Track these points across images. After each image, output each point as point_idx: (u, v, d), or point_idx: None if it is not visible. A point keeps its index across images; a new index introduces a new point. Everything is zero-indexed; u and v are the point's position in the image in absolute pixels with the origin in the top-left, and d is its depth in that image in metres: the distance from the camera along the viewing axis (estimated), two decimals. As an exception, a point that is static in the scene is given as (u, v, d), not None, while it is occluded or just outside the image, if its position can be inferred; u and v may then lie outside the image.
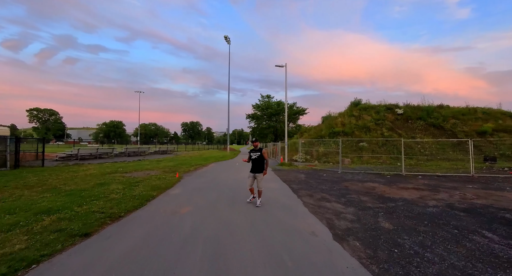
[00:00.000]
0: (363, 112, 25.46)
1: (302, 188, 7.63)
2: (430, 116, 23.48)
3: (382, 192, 7.05)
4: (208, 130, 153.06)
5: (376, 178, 10.14)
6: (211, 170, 13.15)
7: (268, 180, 9.33)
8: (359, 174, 11.30)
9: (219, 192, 7.02)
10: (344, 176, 10.70)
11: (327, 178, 9.91)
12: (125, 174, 10.95)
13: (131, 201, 5.58)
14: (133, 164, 15.61)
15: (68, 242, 3.26)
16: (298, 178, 10.06)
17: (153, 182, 8.55)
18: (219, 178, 10.00)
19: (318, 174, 11.24)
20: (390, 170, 12.77)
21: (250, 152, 5.61)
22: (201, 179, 9.71)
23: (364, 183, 8.74)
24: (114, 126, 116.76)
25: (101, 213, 4.52)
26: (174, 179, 9.24)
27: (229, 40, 39.85)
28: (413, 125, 23.16)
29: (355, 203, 5.74)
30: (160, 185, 7.82)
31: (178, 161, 18.61)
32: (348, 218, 4.52)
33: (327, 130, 24.13)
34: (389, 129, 22.47)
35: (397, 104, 26.27)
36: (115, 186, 7.49)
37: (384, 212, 4.92)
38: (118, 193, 6.40)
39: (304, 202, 5.82)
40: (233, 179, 9.75)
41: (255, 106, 40.02)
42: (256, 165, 5.51)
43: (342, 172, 11.85)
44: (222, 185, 8.19)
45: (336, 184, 8.40)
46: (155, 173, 11.22)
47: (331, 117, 27.00)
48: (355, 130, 22.63)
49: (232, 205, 5.45)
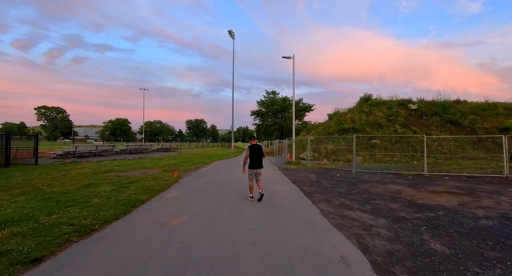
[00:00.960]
0: (373, 108, 24.18)
1: (316, 191, 6.61)
2: (446, 112, 22.09)
3: (411, 196, 5.98)
4: (213, 128, 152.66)
5: (396, 178, 9.04)
6: (213, 169, 12.23)
7: (275, 181, 8.34)
8: (376, 174, 10.21)
9: (221, 195, 6.07)
10: (360, 176, 9.62)
11: (342, 179, 8.86)
12: (120, 173, 10.11)
13: (113, 207, 4.67)
14: (132, 162, 14.83)
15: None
16: (308, 178, 9.04)
17: (148, 182, 7.66)
18: (222, 178, 9.06)
19: (330, 174, 10.19)
20: (409, 169, 11.62)
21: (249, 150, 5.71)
22: (202, 179, 8.78)
23: (386, 184, 7.67)
24: (120, 124, 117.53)
25: (69, 226, 3.61)
26: (171, 179, 8.34)
27: (233, 35, 38.76)
28: (428, 121, 21.83)
29: (383, 211, 4.71)
30: (154, 187, 6.92)
31: (180, 159, 17.78)
32: (384, 235, 3.50)
33: (335, 127, 22.95)
34: (402, 126, 21.18)
35: (410, 100, 24.90)
36: (104, 188, 6.62)
37: (427, 226, 3.87)
38: (102, 197, 5.51)
39: (322, 210, 4.81)
40: (238, 179, 8.79)
41: (260, 102, 38.90)
42: (258, 162, 5.65)
43: (357, 172, 10.77)
44: (224, 187, 7.24)
45: (353, 186, 7.35)
46: (153, 172, 10.35)
47: (339, 114, 25.77)
48: (366, 127, 21.41)
49: (236, 214, 4.48)
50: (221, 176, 9.49)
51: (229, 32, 38.41)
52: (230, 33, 38.42)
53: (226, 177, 9.36)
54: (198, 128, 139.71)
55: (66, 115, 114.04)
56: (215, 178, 9.12)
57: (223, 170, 11.78)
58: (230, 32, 38.39)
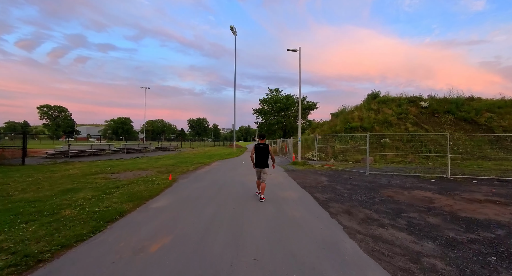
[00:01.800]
0: (382, 106, 23.05)
1: (332, 199, 5.60)
2: (460, 109, 20.91)
3: (449, 207, 4.95)
4: (215, 127, 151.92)
5: (418, 182, 7.99)
6: (213, 170, 11.27)
7: (282, 186, 7.34)
8: (393, 177, 9.16)
9: (219, 204, 5.09)
10: (377, 179, 8.59)
11: (357, 183, 7.83)
12: (111, 174, 9.18)
13: (83, 223, 3.71)
14: (127, 162, 13.92)
15: None
16: (319, 182, 8.03)
17: (137, 187, 6.71)
18: (222, 180, 8.08)
19: (342, 177, 9.16)
20: (427, 171, 10.56)
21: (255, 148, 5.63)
22: (200, 182, 7.81)
23: (410, 190, 6.64)
24: (122, 123, 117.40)
25: (9, 255, 2.64)
26: (165, 183, 7.38)
27: (235, 31, 37.74)
28: (441, 119, 20.67)
29: (424, 229, 3.70)
30: (142, 193, 5.96)
31: (179, 159, 16.85)
32: (445, 273, 2.49)
33: (342, 125, 21.88)
34: (413, 124, 20.04)
35: (420, 97, 23.74)
36: (84, 194, 5.67)
37: (495, 255, 2.86)
38: (76, 207, 4.56)
39: (345, 226, 3.81)
40: (240, 182, 7.81)
41: (263, 100, 37.80)
42: (263, 161, 5.54)
43: (371, 174, 9.73)
44: (224, 192, 6.26)
45: (374, 193, 6.33)
46: (147, 174, 9.42)
47: (346, 112, 24.66)
48: (374, 125, 20.31)
49: (236, 234, 3.50)
50: (221, 178, 8.51)
51: (231, 28, 37.38)
52: (232, 29, 37.40)
53: (226, 179, 8.37)
54: (200, 127, 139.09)
55: (69, 114, 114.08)
56: (214, 180, 8.14)
57: (223, 171, 10.81)
58: (232, 28, 37.36)
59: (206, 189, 6.74)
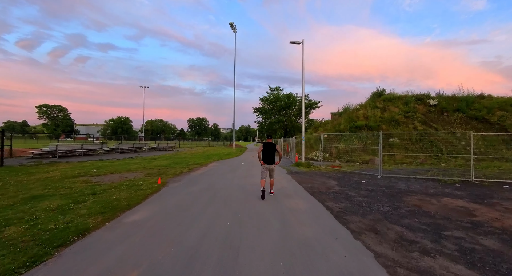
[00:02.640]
0: (388, 104, 22.08)
1: (348, 210, 4.61)
2: (470, 107, 19.92)
3: (498, 222, 3.96)
4: (215, 127, 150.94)
5: (442, 187, 7.00)
6: (210, 171, 10.29)
7: (287, 192, 6.34)
8: (410, 180, 8.16)
9: (212, 216, 4.11)
10: (392, 183, 7.59)
11: (372, 187, 6.84)
12: (94, 177, 8.21)
13: (20, 250, 2.74)
14: (118, 163, 12.95)
15: None
16: (328, 186, 7.04)
17: (117, 193, 5.73)
18: (218, 185, 7.10)
19: (352, 180, 8.18)
20: (445, 173, 9.56)
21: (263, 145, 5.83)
22: (192, 187, 6.83)
23: (438, 197, 5.65)
24: (121, 122, 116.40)
25: None
26: (152, 188, 6.41)
27: (235, 28, 36.77)
28: (450, 118, 19.69)
29: (486, 259, 2.72)
30: (120, 201, 4.98)
31: (174, 159, 15.89)
32: None
33: (347, 124, 20.91)
34: (422, 123, 19.05)
35: (428, 94, 22.75)
36: (48, 203, 4.69)
37: None
38: (26, 223, 3.58)
39: (377, 254, 2.82)
40: (239, 186, 6.83)
41: (263, 99, 36.79)
42: (270, 157, 5.74)
43: (384, 177, 8.74)
44: (219, 200, 5.28)
45: (396, 201, 5.34)
46: (135, 176, 8.45)
47: (350, 110, 23.67)
48: (381, 124, 19.33)
49: (230, 266, 2.51)
50: (217, 182, 7.53)
51: (230, 25, 36.41)
52: (231, 26, 36.42)
53: (223, 183, 7.38)
54: (200, 127, 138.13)
55: (68, 114, 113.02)
56: (209, 184, 7.15)
57: (220, 173, 9.82)
58: (232, 25, 36.38)
59: (199, 195, 5.76)
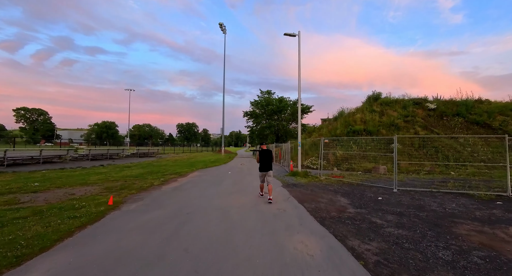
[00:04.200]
0: (386, 108, 20.95)
1: (389, 260, 2.85)
2: (470, 112, 19.02)
3: None
4: (205, 132, 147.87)
5: (485, 207, 5.42)
6: (187, 184, 8.36)
7: (287, 219, 4.46)
8: (435, 196, 6.56)
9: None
10: (417, 200, 5.96)
11: (398, 208, 5.15)
12: (28, 195, 6.14)
13: None
14: (78, 174, 10.76)
15: None
16: (339, 207, 5.30)
17: (30, 225, 3.77)
18: (191, 207, 5.20)
19: (365, 195, 6.49)
20: (462, 184, 8.05)
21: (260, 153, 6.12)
22: (152, 212, 4.91)
23: (500, 227, 4.02)
24: (107, 127, 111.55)
25: None
26: (92, 214, 4.45)
27: (224, 29, 35.36)
28: (450, 123, 18.72)
29: None
30: (14, 245, 3.02)
31: (151, 168, 13.80)
32: None
33: (343, 128, 19.51)
34: (423, 128, 17.91)
35: (426, 98, 21.89)
36: None
37: None
38: None
39: None
40: (220, 209, 4.96)
41: (254, 103, 35.14)
42: (267, 164, 6.00)
43: (401, 191, 7.11)
44: (183, 241, 3.39)
45: (446, 235, 3.65)
46: (85, 193, 6.42)
47: (346, 114, 22.38)
48: (380, 129, 18.06)
49: None
50: (191, 203, 5.62)
51: (220, 26, 34.94)
52: (221, 26, 34.95)
53: (198, 204, 5.49)
54: (189, 132, 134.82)
55: (48, 118, 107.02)
56: (179, 207, 5.24)
57: (200, 187, 7.90)
58: (221, 26, 34.92)
59: (155, 230, 3.85)
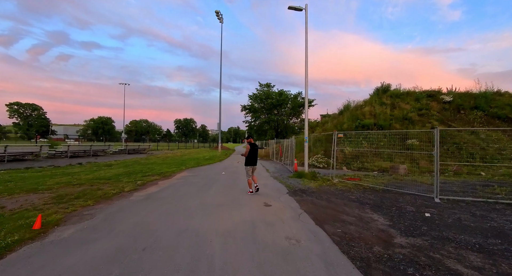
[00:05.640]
0: (397, 100, 19.12)
1: None
2: (490, 105, 17.26)
3: None
4: (203, 128, 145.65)
5: None
6: (166, 191, 6.56)
7: (300, 260, 2.64)
8: (496, 209, 4.82)
9: None
10: (483, 218, 4.22)
11: (470, 237, 3.41)
12: None
13: None
14: (40, 174, 8.94)
15: None
16: (376, 232, 3.55)
17: None
18: (156, 234, 3.41)
19: (404, 209, 4.74)
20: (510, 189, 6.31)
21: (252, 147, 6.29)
22: (91, 245, 3.11)
23: None
24: (103, 123, 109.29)
25: None
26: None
27: (221, 17, 33.13)
28: (469, 116, 16.97)
29: None
30: None
31: (134, 167, 12.00)
32: None
33: (351, 122, 17.73)
34: (440, 122, 16.14)
35: (439, 90, 20.04)
36: None
37: None
38: None
39: None
40: (199, 240, 3.09)
41: (252, 96, 33.15)
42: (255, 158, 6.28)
43: (446, 201, 5.37)
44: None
45: None
46: (20, 205, 4.62)
47: (353, 107, 20.55)
48: (393, 123, 16.28)
49: None
50: (159, 226, 3.81)
51: (216, 13, 32.69)
52: (217, 14, 32.70)
53: (169, 228, 3.68)
54: (187, 128, 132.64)
55: (43, 113, 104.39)
56: (136, 234, 3.44)
57: (181, 194, 6.09)
58: (218, 13, 32.67)
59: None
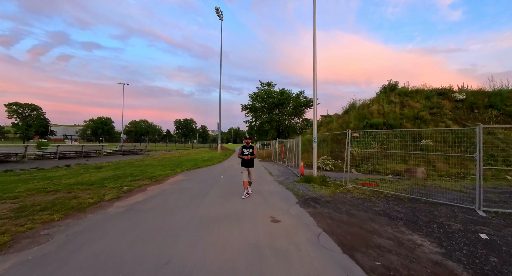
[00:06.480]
0: (406, 98, 18.13)
1: None
2: (505, 103, 16.24)
3: None
4: (203, 129, 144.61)
5: None
6: (155, 198, 5.58)
7: None
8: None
9: None
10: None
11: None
12: None
13: None
14: (17, 178, 7.98)
15: None
16: (429, 266, 2.57)
17: None
18: (123, 272, 2.46)
19: (448, 227, 3.76)
20: None
21: (243, 148, 6.05)
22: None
23: None
24: (102, 123, 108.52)
25: None
26: None
27: (221, 14, 32.17)
28: (483, 115, 15.96)
29: None
30: None
31: (126, 169, 11.03)
32: None
33: (357, 122, 16.75)
34: (453, 121, 15.14)
35: (451, 88, 19.02)
36: None
37: None
38: None
39: None
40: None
41: (253, 96, 32.22)
42: (249, 160, 5.91)
43: (494, 215, 4.39)
44: None
45: None
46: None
47: (359, 106, 19.55)
48: (403, 122, 15.28)
49: None
50: (129, 258, 2.86)
51: (216, 10, 31.73)
52: (217, 11, 31.75)
53: (143, 261, 2.73)
54: (187, 128, 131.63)
55: (42, 113, 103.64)
56: (97, 270, 2.49)
57: (171, 205, 5.10)
58: (218, 10, 31.72)
59: None
